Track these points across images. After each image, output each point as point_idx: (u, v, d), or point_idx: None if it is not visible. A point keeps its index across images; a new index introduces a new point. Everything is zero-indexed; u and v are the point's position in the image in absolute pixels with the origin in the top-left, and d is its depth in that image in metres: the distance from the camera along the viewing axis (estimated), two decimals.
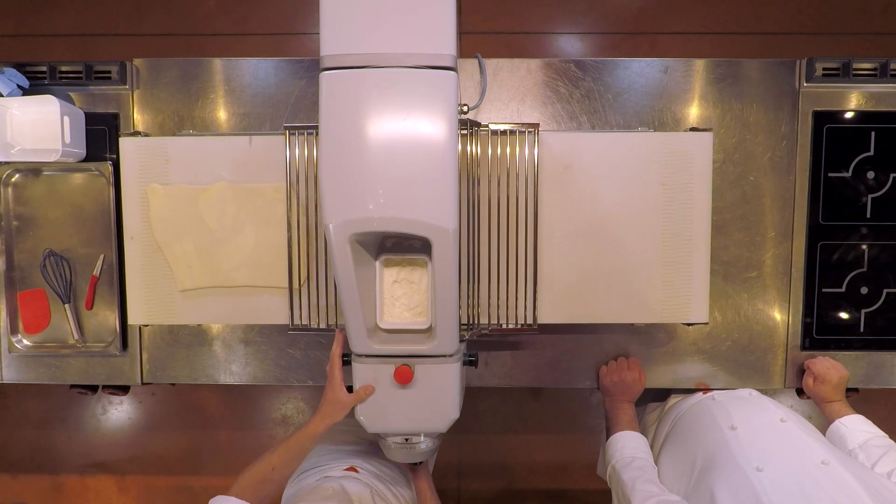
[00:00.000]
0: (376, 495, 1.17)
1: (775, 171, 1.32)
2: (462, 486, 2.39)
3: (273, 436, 2.42)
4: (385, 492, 1.21)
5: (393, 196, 0.87)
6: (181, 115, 1.33)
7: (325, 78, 0.87)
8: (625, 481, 1.07)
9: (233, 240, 1.19)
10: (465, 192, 1.08)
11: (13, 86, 1.25)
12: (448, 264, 0.91)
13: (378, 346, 1.01)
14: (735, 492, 0.87)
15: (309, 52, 2.29)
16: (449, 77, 0.87)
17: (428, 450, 1.12)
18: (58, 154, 1.22)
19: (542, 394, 2.38)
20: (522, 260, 1.14)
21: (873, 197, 1.31)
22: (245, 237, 1.19)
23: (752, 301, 1.34)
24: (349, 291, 0.94)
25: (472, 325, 1.13)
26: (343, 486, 1.14)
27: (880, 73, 1.30)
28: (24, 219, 1.34)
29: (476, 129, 1.10)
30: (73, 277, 1.34)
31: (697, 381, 1.35)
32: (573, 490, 2.40)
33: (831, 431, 1.19)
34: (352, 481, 1.18)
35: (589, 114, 1.32)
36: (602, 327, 1.33)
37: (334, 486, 1.13)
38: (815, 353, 1.33)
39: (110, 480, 2.44)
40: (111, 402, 2.44)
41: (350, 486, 1.16)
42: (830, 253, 1.33)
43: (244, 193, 1.18)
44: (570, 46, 2.34)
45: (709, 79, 1.31)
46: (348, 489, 1.14)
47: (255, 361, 1.37)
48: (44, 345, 1.36)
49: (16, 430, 2.43)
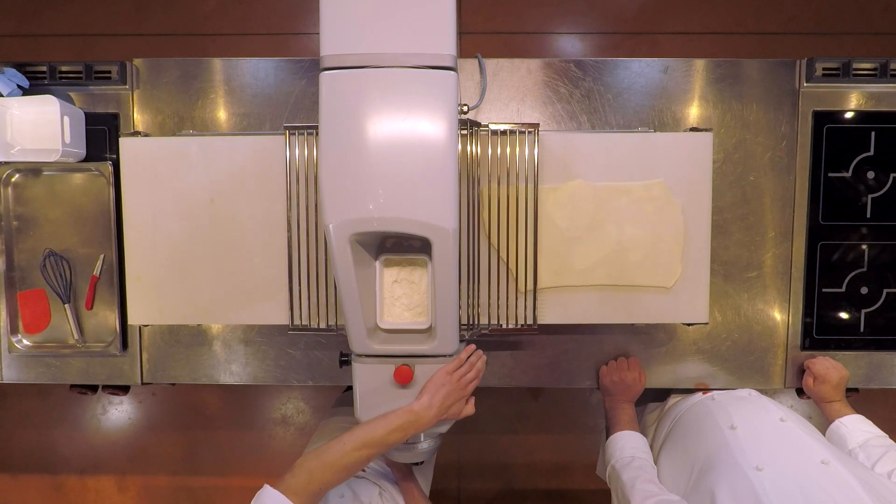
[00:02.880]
0: (385, 495, 1.17)
1: (775, 170, 1.32)
2: (462, 486, 2.39)
3: (273, 435, 2.42)
4: (393, 490, 1.21)
5: (393, 196, 0.87)
6: (181, 115, 1.33)
7: (325, 78, 0.88)
8: (624, 481, 1.07)
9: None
10: (465, 192, 1.08)
11: (13, 86, 1.25)
12: (448, 264, 0.91)
13: (378, 346, 1.01)
14: (735, 491, 0.87)
15: (309, 52, 2.29)
16: (449, 77, 0.88)
17: (428, 450, 1.13)
18: (58, 154, 1.22)
19: (541, 394, 2.38)
20: (522, 260, 1.14)
21: (873, 197, 1.31)
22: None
23: (752, 301, 1.34)
24: (349, 291, 0.94)
25: (472, 325, 1.14)
26: (353, 491, 1.14)
27: (880, 73, 1.30)
28: (24, 219, 1.34)
29: (476, 129, 1.10)
30: (73, 277, 1.34)
31: (697, 381, 1.35)
32: (573, 490, 2.40)
33: (831, 431, 1.19)
34: (359, 482, 1.18)
35: (589, 114, 1.32)
36: (602, 327, 1.33)
37: (345, 492, 1.12)
38: (815, 353, 1.33)
39: (110, 480, 2.44)
40: (111, 402, 2.44)
41: (359, 488, 1.15)
42: (830, 253, 1.33)
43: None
44: (570, 46, 2.34)
45: (709, 79, 1.31)
46: (358, 493, 1.14)
47: (255, 361, 1.37)
48: (44, 345, 1.36)
49: (16, 430, 2.44)
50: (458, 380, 1.01)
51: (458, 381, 1.01)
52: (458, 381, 1.01)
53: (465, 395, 1.02)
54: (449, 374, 1.01)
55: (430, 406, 0.99)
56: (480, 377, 1.04)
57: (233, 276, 1.20)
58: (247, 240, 1.19)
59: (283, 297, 1.17)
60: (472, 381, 1.03)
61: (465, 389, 1.02)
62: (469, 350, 1.05)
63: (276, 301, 1.20)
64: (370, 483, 1.19)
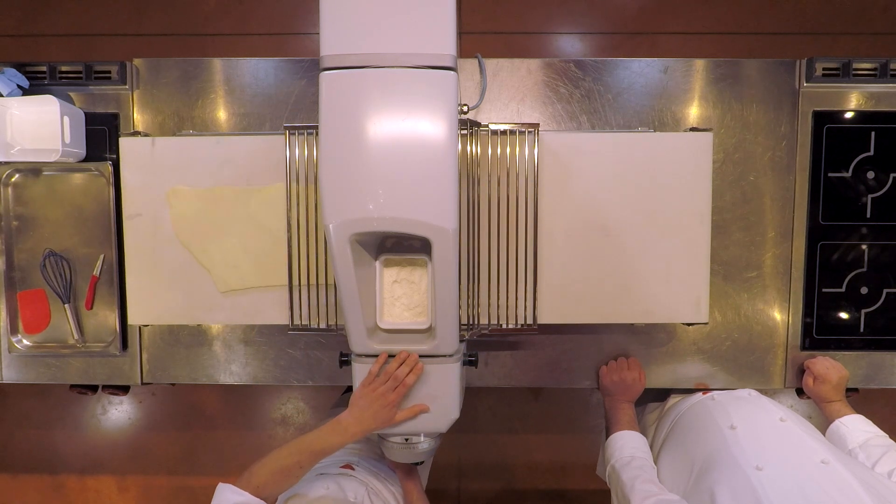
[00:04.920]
0: (372, 493, 1.17)
1: (775, 171, 1.32)
2: (462, 486, 2.39)
3: (273, 435, 2.42)
4: (381, 489, 1.21)
5: (393, 196, 0.87)
6: (181, 115, 1.33)
7: (325, 78, 0.87)
8: (624, 481, 1.07)
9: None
10: (465, 192, 1.08)
11: (13, 86, 1.25)
12: (448, 264, 0.91)
13: (378, 346, 1.01)
14: (735, 491, 0.87)
15: (309, 52, 2.29)
16: (449, 77, 0.87)
17: (428, 450, 1.13)
18: (58, 154, 1.22)
19: (541, 394, 2.38)
20: (522, 260, 1.14)
21: (873, 197, 1.31)
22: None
23: (752, 301, 1.34)
24: (349, 291, 0.94)
25: (472, 325, 1.14)
26: (339, 485, 1.14)
27: (880, 73, 1.30)
28: (24, 219, 1.34)
29: (476, 129, 1.10)
30: (73, 277, 1.34)
31: (697, 381, 1.35)
32: (573, 490, 2.40)
33: (831, 431, 1.19)
34: (347, 479, 1.18)
35: (589, 114, 1.32)
36: (602, 327, 1.33)
37: (330, 485, 1.13)
38: (815, 353, 1.33)
39: (110, 480, 2.44)
40: (111, 402, 2.44)
41: (346, 484, 1.16)
42: (830, 253, 1.33)
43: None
44: (570, 46, 2.34)
45: (709, 79, 1.31)
46: (344, 488, 1.14)
47: (255, 361, 1.37)
48: (44, 345, 1.36)
49: (16, 430, 2.44)
50: (373, 392, 1.02)
51: (374, 392, 1.02)
52: (374, 392, 1.02)
53: (388, 404, 1.02)
54: (364, 388, 1.03)
55: (350, 416, 1.03)
56: (409, 384, 1.02)
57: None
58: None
59: (283, 297, 1.17)
60: (391, 390, 1.01)
61: (386, 398, 1.02)
62: (400, 359, 1.02)
63: (276, 301, 1.20)
64: (358, 482, 1.19)
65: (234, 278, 1.20)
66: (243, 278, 1.19)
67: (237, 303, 1.21)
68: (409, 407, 1.05)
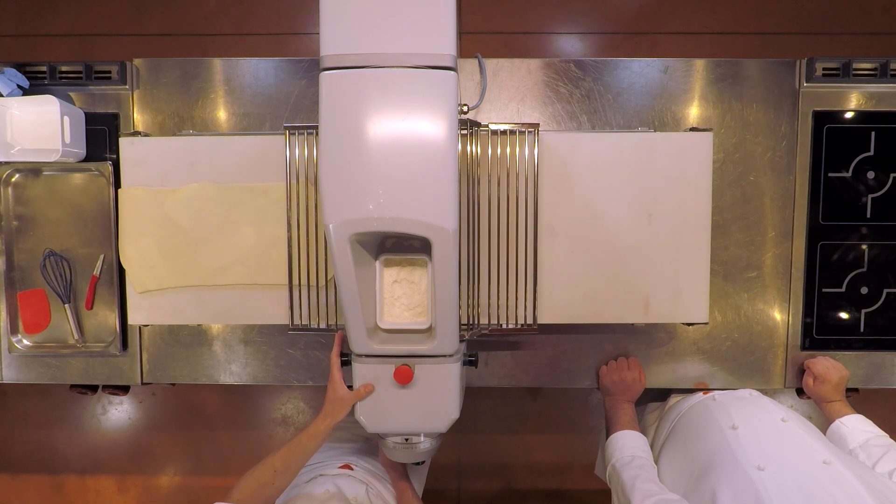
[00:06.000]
0: (372, 492, 1.17)
1: (775, 171, 1.32)
2: (462, 486, 2.39)
3: (273, 436, 2.42)
4: (381, 489, 1.21)
5: (393, 196, 0.87)
6: (181, 115, 1.33)
7: (325, 78, 0.87)
8: (624, 480, 1.06)
9: (221, 238, 1.19)
10: (465, 192, 1.08)
11: (13, 86, 1.25)
12: (448, 264, 0.91)
13: (378, 346, 1.01)
14: (736, 491, 0.87)
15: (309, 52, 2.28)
16: (449, 77, 0.87)
17: (428, 449, 1.12)
18: (58, 154, 1.22)
19: (541, 394, 2.38)
20: (522, 260, 1.14)
21: (873, 197, 1.31)
22: (240, 236, 1.19)
23: (752, 301, 1.34)
24: (349, 291, 0.94)
25: (472, 325, 1.13)
26: (338, 486, 1.14)
27: (880, 73, 1.30)
28: (24, 219, 1.34)
29: (476, 129, 1.10)
30: (73, 277, 1.34)
31: (697, 381, 1.35)
32: (573, 490, 2.40)
33: (832, 431, 1.19)
34: (347, 479, 1.18)
35: (589, 114, 1.32)
36: (602, 327, 1.33)
37: (329, 486, 1.13)
38: (815, 353, 1.33)
39: (110, 480, 2.44)
40: (111, 402, 2.44)
41: (345, 484, 1.16)
42: (830, 253, 1.33)
43: (235, 192, 1.18)
44: (570, 46, 2.34)
45: (709, 79, 1.31)
46: (343, 488, 1.14)
47: (255, 361, 1.37)
48: (44, 345, 1.36)
49: (16, 430, 2.43)
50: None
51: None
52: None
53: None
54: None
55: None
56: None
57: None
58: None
59: (283, 297, 1.17)
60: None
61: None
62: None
63: (276, 301, 1.20)
64: (357, 481, 1.19)
65: (151, 278, 1.20)
66: (160, 279, 1.20)
67: (237, 303, 1.21)
68: (357, 389, 1.06)
